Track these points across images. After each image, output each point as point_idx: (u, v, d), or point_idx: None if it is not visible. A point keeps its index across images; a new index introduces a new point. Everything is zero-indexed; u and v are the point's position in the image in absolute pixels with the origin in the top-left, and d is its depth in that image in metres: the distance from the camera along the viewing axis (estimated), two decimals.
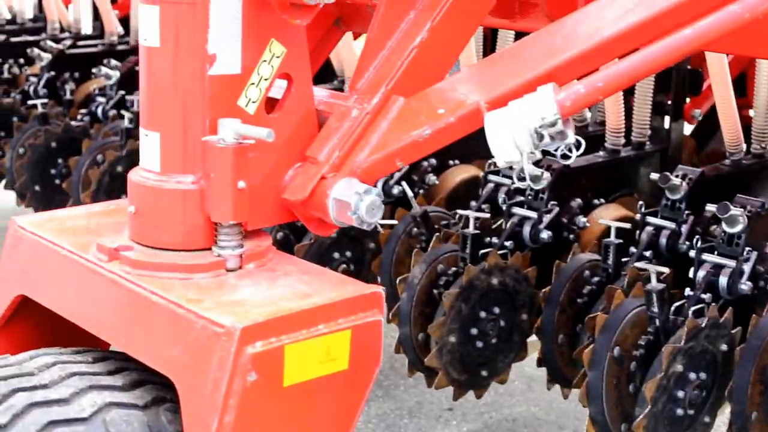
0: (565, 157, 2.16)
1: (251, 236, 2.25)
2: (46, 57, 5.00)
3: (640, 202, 3.32)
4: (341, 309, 2.10)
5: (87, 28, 5.61)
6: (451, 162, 3.88)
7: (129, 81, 4.70)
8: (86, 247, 2.27)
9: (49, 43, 5.15)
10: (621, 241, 3.21)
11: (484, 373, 3.38)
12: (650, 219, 3.25)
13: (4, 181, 4.85)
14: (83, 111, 4.75)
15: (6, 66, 5.19)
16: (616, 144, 3.66)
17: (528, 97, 2.14)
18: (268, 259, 2.24)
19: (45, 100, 4.70)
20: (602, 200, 3.58)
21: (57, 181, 4.62)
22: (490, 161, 3.60)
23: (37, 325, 2.45)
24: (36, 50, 5.02)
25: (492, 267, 3.29)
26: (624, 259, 3.20)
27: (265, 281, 2.15)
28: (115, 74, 4.71)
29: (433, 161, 3.79)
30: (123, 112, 4.42)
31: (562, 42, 2.31)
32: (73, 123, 4.63)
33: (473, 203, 3.54)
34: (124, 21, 5.36)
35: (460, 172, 3.88)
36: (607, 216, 3.45)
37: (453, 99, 2.26)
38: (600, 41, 2.25)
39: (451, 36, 2.37)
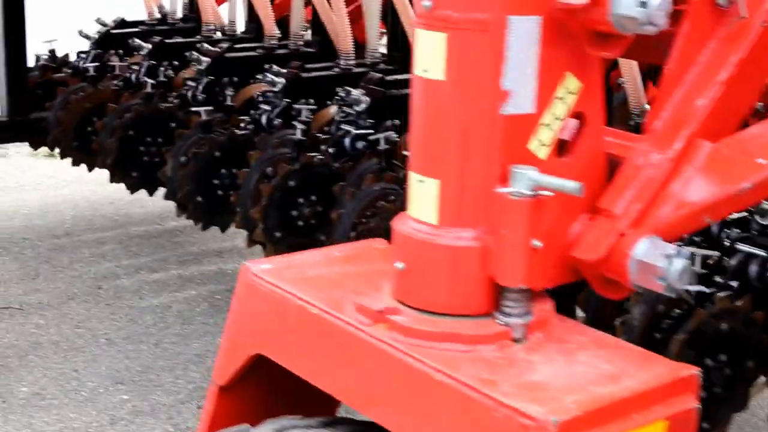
0: None
1: (533, 299, 1.89)
2: (205, 60, 4.68)
3: None
4: (655, 395, 1.73)
5: (240, 29, 5.31)
6: None
7: (294, 89, 4.36)
8: (338, 304, 1.92)
9: (206, 45, 4.83)
10: None
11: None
12: None
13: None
14: (244, 118, 4.42)
15: (161, 69, 4.88)
16: None
17: None
18: (553, 326, 1.88)
19: (209, 108, 4.39)
20: None
21: (220, 192, 4.30)
22: None
23: (267, 384, 2.12)
24: (195, 54, 4.70)
25: (721, 311, 2.90)
26: None
27: (560, 357, 1.79)
28: (281, 81, 4.37)
29: None
30: (295, 123, 4.08)
31: None
32: (237, 131, 4.30)
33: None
34: (280, 23, 5.03)
35: None
36: None
37: None
38: None
39: (761, 70, 1.99)
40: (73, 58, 5.36)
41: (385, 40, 4.82)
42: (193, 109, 4.43)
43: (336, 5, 4.51)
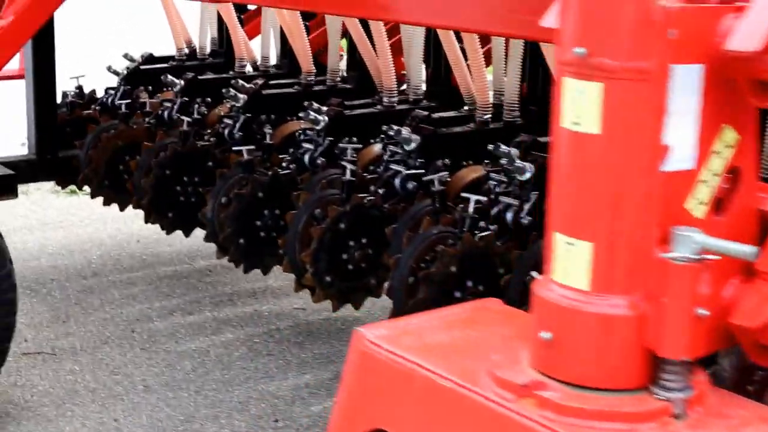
0: None
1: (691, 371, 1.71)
2: (242, 97, 4.51)
3: None
4: None
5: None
6: None
7: (336, 127, 4.19)
8: (471, 376, 1.74)
9: (240, 82, 4.65)
10: None
11: None
12: None
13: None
14: (284, 156, 4.24)
15: (195, 106, 4.71)
16: None
17: None
18: (711, 399, 1.71)
19: (251, 147, 4.21)
20: None
21: (262, 234, 4.12)
22: None
23: None
24: (231, 90, 4.52)
25: None
26: None
27: None
28: (323, 119, 4.19)
29: None
30: (343, 162, 3.90)
31: None
32: (280, 171, 4.13)
33: None
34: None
35: None
36: None
37: None
38: None
39: None
40: (100, 93, 5.19)
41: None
42: (235, 148, 4.24)
43: (379, 41, 4.34)
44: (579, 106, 1.64)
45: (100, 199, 4.83)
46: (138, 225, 5.61)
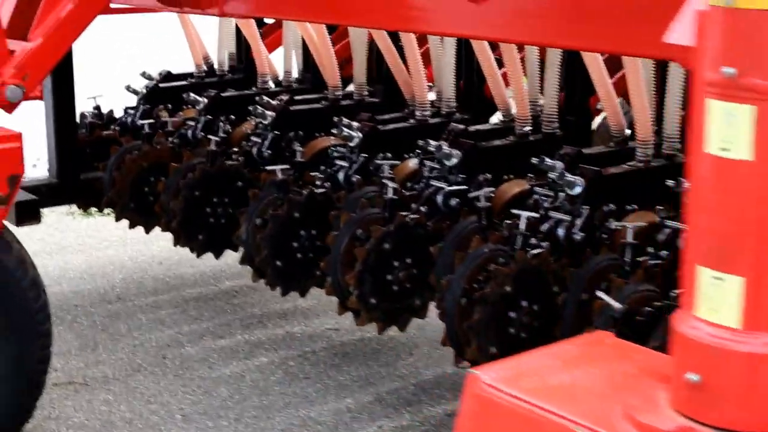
0: None
1: None
2: (270, 114, 4.36)
3: None
4: None
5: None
6: None
7: (370, 143, 4.05)
8: (607, 421, 1.61)
9: (265, 98, 4.51)
10: None
11: None
12: None
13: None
14: (316, 174, 4.09)
15: (219, 124, 4.56)
16: None
17: None
18: None
19: (285, 166, 4.06)
20: None
21: (299, 255, 3.98)
22: None
23: None
24: (259, 108, 4.38)
25: None
26: None
27: None
28: (357, 135, 4.06)
29: None
30: (384, 181, 3.76)
31: None
32: (316, 191, 3.99)
33: None
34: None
35: None
36: None
37: None
38: None
39: None
40: (117, 113, 5.04)
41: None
42: (268, 168, 4.09)
43: (410, 53, 4.20)
44: (727, 131, 1.50)
45: (115, 220, 4.68)
46: (158, 246, 5.46)
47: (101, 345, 4.51)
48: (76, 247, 5.65)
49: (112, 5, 3.91)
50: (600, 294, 3.04)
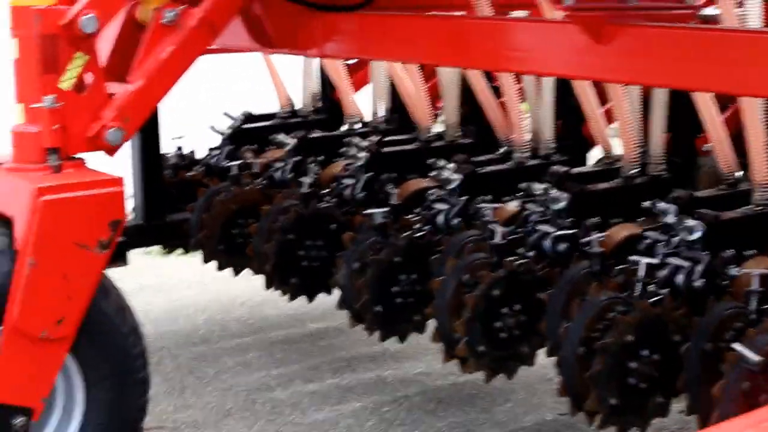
0: None
1: None
2: (363, 156, 4.24)
3: None
4: None
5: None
6: None
7: (470, 186, 3.91)
8: None
9: (356, 139, 4.38)
10: None
11: None
12: None
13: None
14: (411, 217, 3.95)
15: (310, 165, 4.44)
16: None
17: None
18: None
19: (384, 209, 3.93)
20: None
21: (398, 300, 3.84)
22: None
23: None
24: (353, 149, 4.26)
25: None
26: None
27: None
28: (457, 178, 3.91)
29: None
30: (491, 225, 3.61)
31: None
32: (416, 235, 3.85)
33: None
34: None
35: None
36: None
37: None
38: None
39: None
40: (197, 154, 4.94)
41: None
42: (366, 211, 3.96)
43: (508, 93, 4.06)
44: None
45: (194, 260, 4.57)
46: (239, 286, 5.33)
47: (189, 389, 4.37)
48: (157, 288, 5.54)
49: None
50: (735, 345, 2.88)
